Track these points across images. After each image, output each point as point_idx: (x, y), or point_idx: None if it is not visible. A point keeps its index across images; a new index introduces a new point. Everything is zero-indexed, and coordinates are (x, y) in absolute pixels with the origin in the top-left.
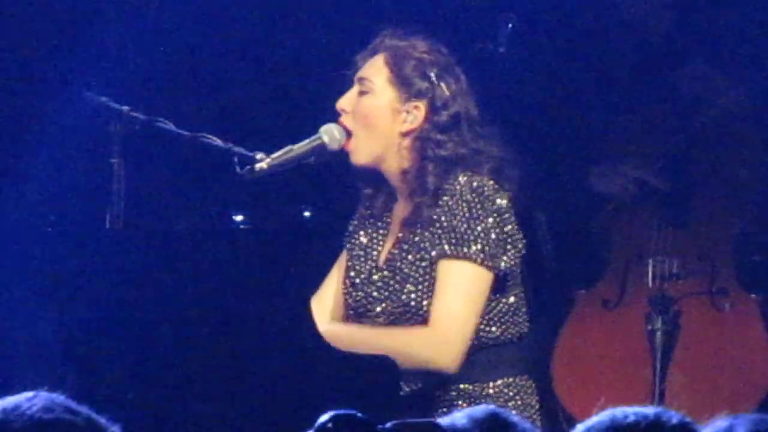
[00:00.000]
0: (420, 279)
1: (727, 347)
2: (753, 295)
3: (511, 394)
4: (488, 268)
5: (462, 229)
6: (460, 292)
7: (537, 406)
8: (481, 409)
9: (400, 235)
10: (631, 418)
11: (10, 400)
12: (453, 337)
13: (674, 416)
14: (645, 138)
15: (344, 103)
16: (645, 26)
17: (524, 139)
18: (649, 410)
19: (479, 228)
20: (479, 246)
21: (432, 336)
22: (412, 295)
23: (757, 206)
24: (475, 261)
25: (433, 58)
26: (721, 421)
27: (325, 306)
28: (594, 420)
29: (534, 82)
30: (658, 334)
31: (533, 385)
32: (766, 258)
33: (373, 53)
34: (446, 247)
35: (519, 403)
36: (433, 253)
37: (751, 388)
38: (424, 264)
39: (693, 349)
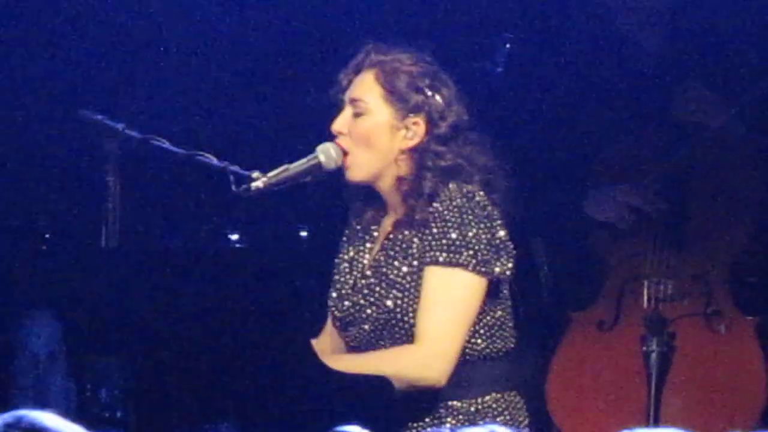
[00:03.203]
0: (407, 285)
1: (723, 369)
2: (749, 317)
3: (499, 410)
4: (481, 274)
5: (453, 236)
6: (450, 302)
7: (526, 423)
8: (478, 429)
9: (386, 241)
10: None
11: None
12: (440, 351)
13: None
14: (640, 160)
15: (339, 125)
16: (640, 48)
17: (520, 159)
18: None
19: (471, 234)
20: (471, 252)
21: (419, 353)
22: (398, 302)
23: (753, 228)
24: (467, 267)
25: (421, 69)
26: None
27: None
28: None
29: (530, 102)
30: (654, 355)
31: (522, 401)
32: (761, 280)
33: (358, 71)
34: (437, 254)
35: (508, 419)
36: (423, 260)
37: (746, 410)
38: (412, 270)
39: (688, 370)
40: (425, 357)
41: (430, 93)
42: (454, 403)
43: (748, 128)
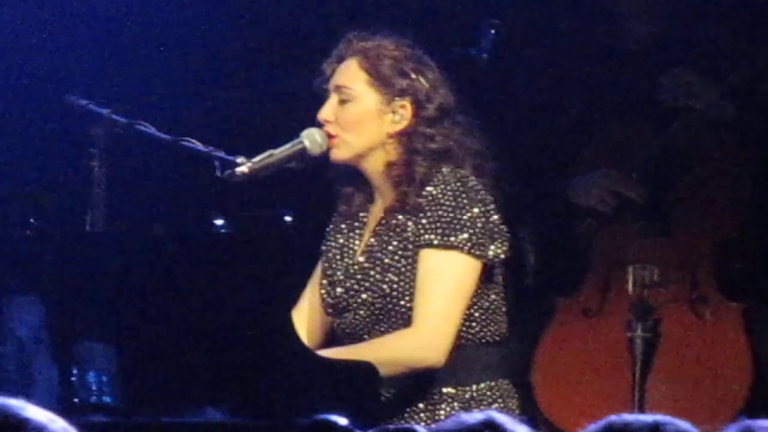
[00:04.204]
0: (402, 269)
1: (708, 355)
2: (734, 303)
3: (493, 397)
4: (476, 256)
5: (448, 219)
6: (446, 285)
7: (518, 411)
8: (475, 416)
9: (379, 226)
10: (629, 426)
11: None
12: (440, 333)
13: (674, 424)
14: (626, 146)
15: (326, 113)
16: (627, 33)
17: (506, 145)
18: (648, 418)
19: (466, 217)
20: (466, 234)
21: (419, 336)
22: (394, 285)
23: (739, 214)
24: (462, 250)
25: (405, 54)
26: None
27: (305, 316)
28: (592, 426)
29: (516, 88)
30: (639, 341)
31: (514, 389)
32: (747, 266)
33: (341, 59)
34: (431, 236)
35: (501, 406)
36: (417, 243)
37: (731, 396)
38: (407, 253)
39: (673, 356)
40: (424, 340)
41: (414, 76)
42: (449, 389)
43: (739, 111)
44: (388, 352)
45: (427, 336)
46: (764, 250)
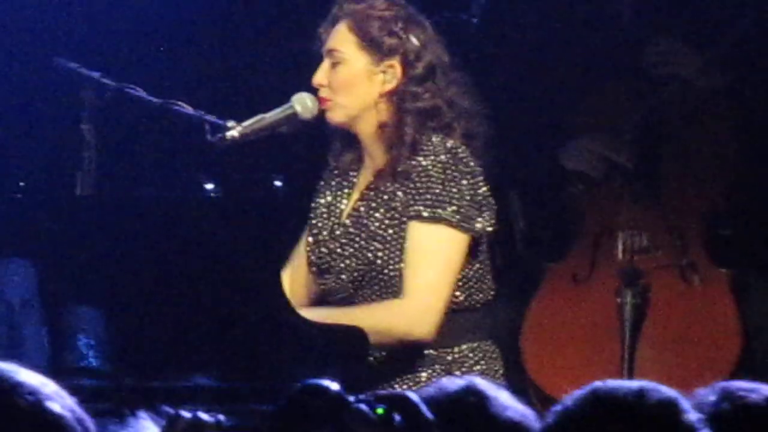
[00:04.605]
0: (388, 238)
1: (697, 321)
2: (723, 270)
3: (475, 359)
4: (464, 230)
5: (437, 191)
6: (436, 257)
7: (502, 372)
8: (456, 382)
9: (367, 191)
10: (614, 391)
11: None
12: (429, 306)
13: (659, 390)
14: (614, 112)
15: (319, 78)
16: (617, 2)
17: (495, 111)
18: (633, 384)
19: (454, 190)
20: (454, 207)
21: (408, 308)
22: (379, 254)
23: (728, 180)
24: (450, 223)
25: (394, 13)
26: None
27: (293, 274)
28: (577, 392)
29: (506, 54)
30: (628, 307)
31: (497, 350)
32: (736, 232)
33: (334, 23)
34: (420, 208)
35: (484, 368)
36: (406, 214)
37: (719, 362)
38: (394, 222)
39: (662, 322)
40: (415, 312)
41: (404, 35)
42: (430, 351)
43: (727, 79)
44: (378, 321)
45: (418, 309)
46: (753, 217)
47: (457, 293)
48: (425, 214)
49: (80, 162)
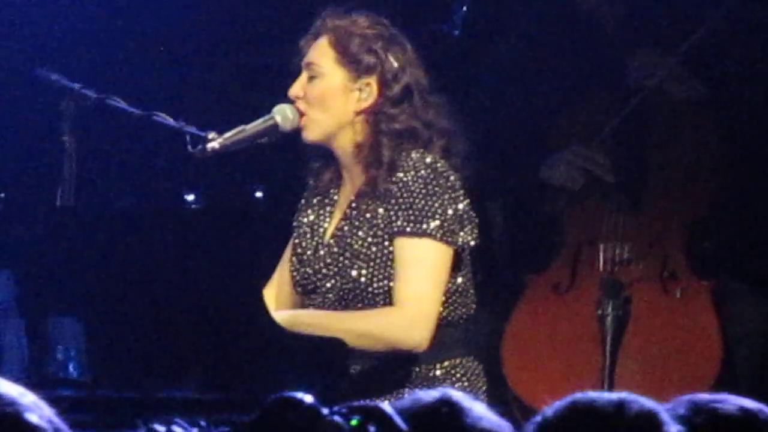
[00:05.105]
0: (372, 256)
1: (678, 333)
2: (704, 281)
3: (458, 375)
4: (447, 243)
5: (419, 206)
6: (424, 269)
7: (485, 388)
8: (431, 393)
9: (349, 210)
10: (594, 403)
11: None
12: (423, 316)
13: (639, 402)
14: (595, 126)
15: (296, 90)
16: (599, 12)
17: (476, 122)
18: (613, 396)
19: (436, 204)
20: (438, 222)
21: (403, 317)
22: (363, 272)
23: (709, 192)
24: (434, 237)
25: (376, 31)
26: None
27: (276, 291)
28: (557, 403)
29: (487, 65)
30: (609, 318)
31: (480, 367)
32: (717, 244)
33: (317, 36)
34: (404, 224)
35: (466, 384)
36: (389, 230)
37: (700, 374)
38: (377, 240)
39: (643, 334)
40: (409, 320)
41: (383, 55)
42: (415, 368)
43: (709, 90)
44: (372, 326)
45: (411, 317)
46: (735, 228)
47: (440, 309)
48: (409, 229)
49: (61, 173)
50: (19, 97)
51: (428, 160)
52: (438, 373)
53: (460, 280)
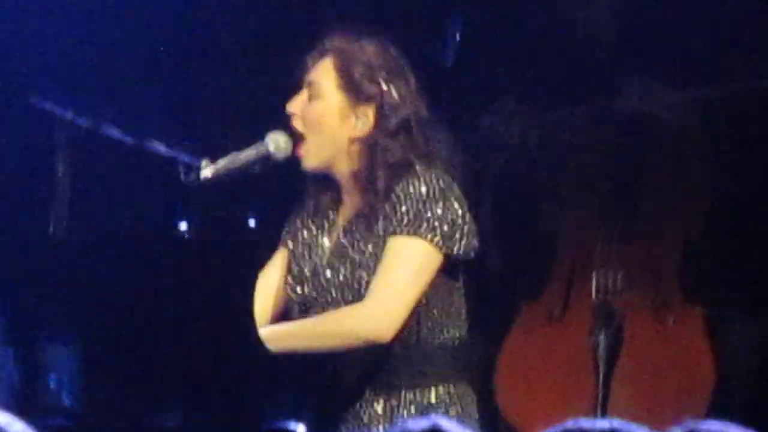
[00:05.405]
0: (372, 265)
1: (671, 361)
2: (697, 309)
3: (451, 402)
4: (439, 248)
5: (415, 210)
6: (404, 266)
7: (477, 416)
8: (420, 423)
9: (349, 227)
10: (587, 430)
11: None
12: (390, 310)
13: (631, 430)
14: (587, 152)
15: (294, 106)
16: (591, 39)
17: (470, 151)
18: (606, 424)
19: (437, 209)
20: (434, 225)
21: (367, 310)
22: (363, 282)
23: (702, 219)
24: (425, 238)
25: (381, 61)
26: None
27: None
28: (550, 431)
29: (481, 93)
30: (602, 346)
31: (473, 394)
32: (710, 271)
33: (322, 55)
34: (400, 224)
35: (459, 411)
36: (386, 232)
37: (693, 401)
38: (378, 250)
39: (637, 362)
40: (373, 313)
41: (384, 85)
42: (408, 393)
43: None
44: (338, 324)
45: (376, 309)
46: (727, 255)
47: (434, 328)
48: (403, 228)
49: (53, 201)
50: (11, 125)
51: (433, 171)
52: (432, 398)
53: (455, 298)
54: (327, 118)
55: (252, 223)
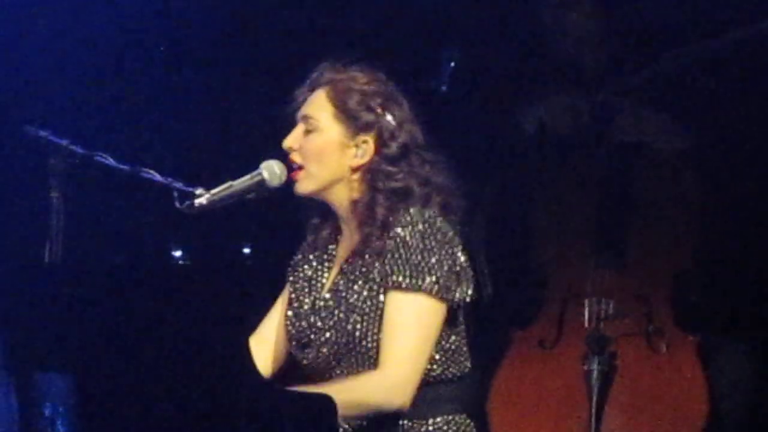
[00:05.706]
0: (366, 309)
1: (664, 388)
2: (690, 336)
3: (449, 430)
4: (442, 299)
5: (416, 261)
6: (414, 328)
7: None
8: None
9: (346, 264)
10: None
11: None
12: (406, 378)
13: None
14: (580, 179)
15: (291, 141)
16: (581, 65)
17: (465, 178)
18: None
19: (433, 260)
20: (433, 278)
21: (385, 380)
22: (357, 326)
23: (694, 247)
24: (429, 293)
25: (375, 88)
26: None
27: (265, 344)
28: None
29: (476, 121)
30: (595, 374)
31: (471, 424)
32: (702, 299)
33: (313, 88)
34: (399, 278)
35: None
36: (384, 284)
37: (686, 428)
38: (372, 294)
39: (630, 389)
40: (391, 383)
41: (381, 112)
42: (405, 422)
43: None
44: (356, 395)
45: (394, 380)
46: (719, 282)
47: (434, 366)
48: (404, 284)
49: (48, 229)
50: (7, 153)
51: (426, 215)
52: (430, 428)
53: (454, 337)
54: (327, 150)
55: (247, 250)
